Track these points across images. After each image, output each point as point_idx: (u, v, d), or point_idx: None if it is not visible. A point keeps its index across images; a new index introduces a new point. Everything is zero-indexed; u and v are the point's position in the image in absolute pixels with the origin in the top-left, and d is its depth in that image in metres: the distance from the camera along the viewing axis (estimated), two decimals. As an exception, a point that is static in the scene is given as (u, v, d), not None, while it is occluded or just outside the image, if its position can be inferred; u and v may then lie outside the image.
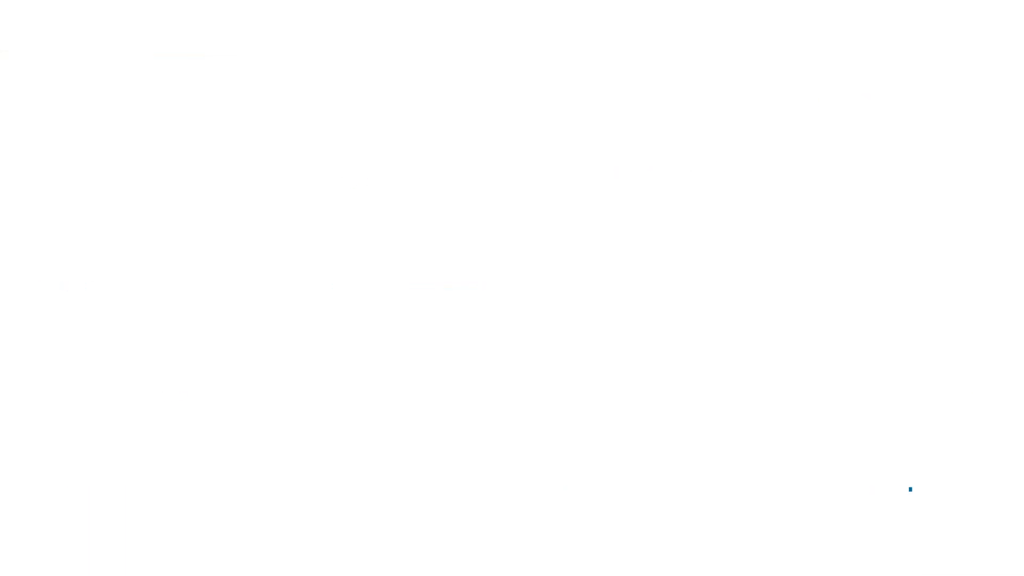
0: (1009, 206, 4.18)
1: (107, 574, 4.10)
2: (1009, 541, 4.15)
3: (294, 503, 4.15)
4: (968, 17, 4.19)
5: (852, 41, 4.20)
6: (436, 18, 4.19)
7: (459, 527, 4.16)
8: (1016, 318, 4.17)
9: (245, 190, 4.17)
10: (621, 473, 4.16)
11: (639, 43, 4.20)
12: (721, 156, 4.20)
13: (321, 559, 4.15)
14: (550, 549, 4.15)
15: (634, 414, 4.17)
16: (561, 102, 4.19)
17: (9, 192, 4.14)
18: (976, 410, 4.17)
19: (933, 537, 4.15)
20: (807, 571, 4.15)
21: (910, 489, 3.91)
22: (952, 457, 4.17)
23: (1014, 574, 4.14)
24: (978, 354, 4.18)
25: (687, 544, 4.16)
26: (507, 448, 4.17)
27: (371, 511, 4.15)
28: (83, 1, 4.14)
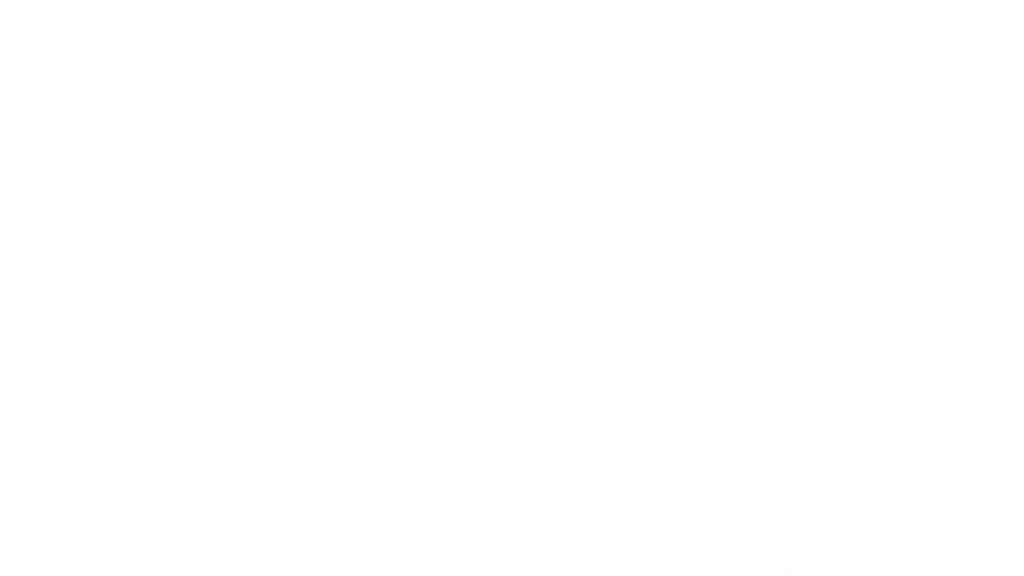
0: (1009, 206, 4.20)
1: (107, 570, 4.11)
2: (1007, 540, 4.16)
3: (293, 501, 4.15)
4: (967, 17, 4.21)
5: (850, 41, 4.21)
6: (438, 20, 4.19)
7: (458, 526, 4.16)
8: (1015, 318, 4.19)
9: (245, 190, 4.17)
10: (620, 472, 4.17)
11: (638, 45, 4.21)
12: (719, 157, 4.20)
13: (320, 559, 4.15)
14: (549, 548, 4.16)
15: (632, 413, 4.18)
16: (561, 105, 4.20)
17: (9, 192, 4.14)
18: (972, 409, 4.18)
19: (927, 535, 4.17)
20: (804, 569, 4.16)
21: None
22: (949, 456, 4.19)
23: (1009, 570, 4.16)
24: (975, 353, 4.19)
25: (686, 543, 4.17)
26: (506, 446, 4.18)
27: (370, 509, 4.16)
28: (83, 1, 4.14)
